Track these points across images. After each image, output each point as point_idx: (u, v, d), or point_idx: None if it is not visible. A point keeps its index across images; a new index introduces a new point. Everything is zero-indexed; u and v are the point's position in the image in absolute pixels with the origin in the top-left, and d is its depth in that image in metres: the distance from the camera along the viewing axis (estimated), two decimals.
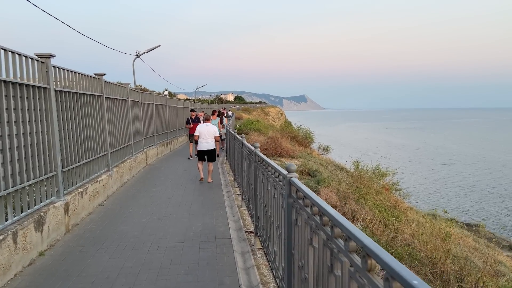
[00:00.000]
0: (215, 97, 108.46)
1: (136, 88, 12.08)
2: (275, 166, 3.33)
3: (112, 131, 8.45)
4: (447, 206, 23.43)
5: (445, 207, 20.27)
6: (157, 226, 5.70)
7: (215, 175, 10.25)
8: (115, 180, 8.21)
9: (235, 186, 8.72)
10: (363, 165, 11.92)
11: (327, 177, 10.94)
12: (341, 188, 9.08)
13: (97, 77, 7.64)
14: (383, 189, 10.78)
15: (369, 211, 7.85)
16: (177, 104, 20.40)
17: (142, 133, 12.11)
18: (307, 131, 21.70)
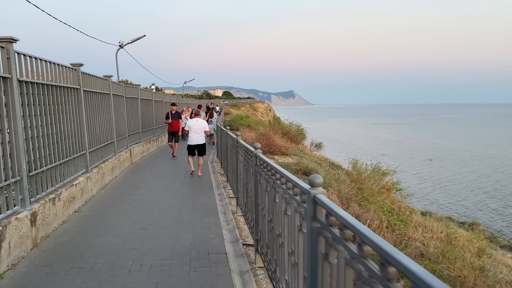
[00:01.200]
0: (203, 92, 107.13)
1: (120, 82, 11.24)
2: (290, 177, 2.63)
3: (91, 128, 7.64)
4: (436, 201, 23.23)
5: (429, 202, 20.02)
6: (141, 237, 4.96)
7: (205, 175, 9.52)
8: (95, 182, 7.42)
9: (227, 188, 8.02)
10: (361, 163, 11.33)
11: (324, 176, 10.29)
12: (342, 189, 8.46)
13: (74, 68, 6.82)
14: (383, 189, 10.24)
15: (375, 215, 7.25)
16: (164, 99, 19.52)
17: (126, 130, 11.29)
18: (299, 127, 21.06)
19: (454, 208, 22.75)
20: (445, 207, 22.90)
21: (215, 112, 21.59)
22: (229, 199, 7.09)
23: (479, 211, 22.41)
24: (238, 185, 6.01)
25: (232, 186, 7.11)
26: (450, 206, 23.31)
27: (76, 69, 6.89)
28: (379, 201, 8.50)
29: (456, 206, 23.45)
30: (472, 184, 29.79)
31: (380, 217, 7.21)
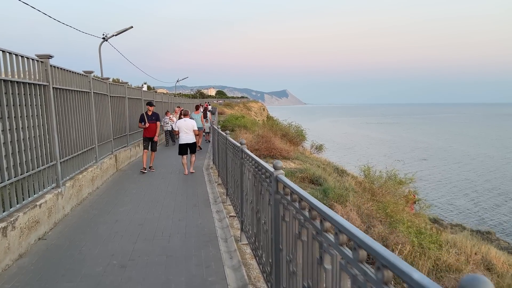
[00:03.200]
0: (196, 92, 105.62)
1: (104, 79, 9.98)
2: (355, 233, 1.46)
3: (64, 133, 6.40)
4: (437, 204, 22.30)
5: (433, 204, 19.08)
6: (118, 282, 3.75)
7: (200, 186, 8.33)
8: (68, 198, 6.18)
9: (227, 203, 6.82)
10: (374, 170, 10.21)
11: (335, 187, 9.16)
12: (360, 202, 7.32)
13: (40, 60, 5.58)
14: (403, 202, 9.13)
15: (404, 238, 6.12)
16: (155, 98, 18.25)
17: (111, 133, 10.04)
18: (298, 128, 19.89)
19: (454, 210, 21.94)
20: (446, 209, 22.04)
21: (208, 111, 20.40)
22: (230, 219, 5.90)
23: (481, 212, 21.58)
24: (243, 206, 4.82)
25: (234, 203, 5.92)
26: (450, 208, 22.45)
27: (43, 61, 5.65)
28: (404, 217, 7.35)
29: (457, 207, 22.60)
30: (466, 184, 29.10)
31: (411, 240, 6.08)
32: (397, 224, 6.76)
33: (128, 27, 15.93)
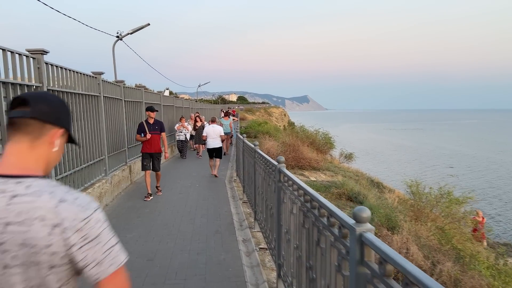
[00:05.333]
0: (218, 97, 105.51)
1: (118, 82, 9.04)
2: None
3: None
4: None
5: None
6: None
7: (224, 204, 7.19)
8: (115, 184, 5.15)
9: (255, 228, 5.66)
10: (423, 186, 8.81)
11: (378, 205, 7.86)
12: (416, 229, 6.01)
13: (32, 56, 4.60)
14: (469, 225, 7.76)
15: (479, 277, 4.82)
16: (176, 104, 17.37)
17: (125, 141, 9.07)
18: (326, 135, 18.56)
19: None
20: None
21: (233, 117, 19.57)
22: (260, 252, 4.73)
23: None
24: (280, 244, 3.63)
25: (264, 231, 4.74)
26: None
27: (36, 57, 4.66)
28: (474, 250, 5.99)
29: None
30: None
31: (492, 284, 4.76)
32: (468, 259, 5.41)
33: (145, 24, 15.05)
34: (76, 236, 1.06)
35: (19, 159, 1.11)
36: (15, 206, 1.03)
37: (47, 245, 1.03)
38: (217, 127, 10.54)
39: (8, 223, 1.03)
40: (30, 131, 1.12)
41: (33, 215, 1.03)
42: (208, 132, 10.38)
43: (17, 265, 1.04)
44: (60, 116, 1.20)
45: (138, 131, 7.69)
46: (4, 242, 1.03)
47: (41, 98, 1.16)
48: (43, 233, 1.03)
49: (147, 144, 7.64)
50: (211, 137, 10.31)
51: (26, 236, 1.03)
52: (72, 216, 1.06)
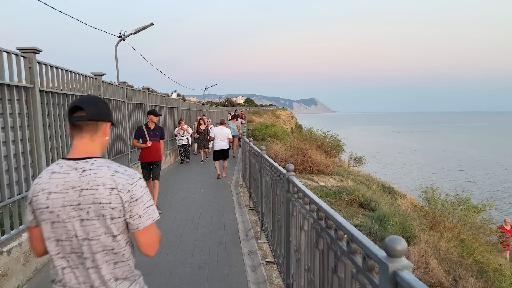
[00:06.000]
0: (225, 100, 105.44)
1: (121, 84, 8.75)
2: None
3: (58, 149, 5.09)
4: None
5: None
6: None
7: (228, 212, 6.83)
8: None
9: (261, 239, 5.29)
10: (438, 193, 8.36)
11: (391, 213, 7.45)
12: (435, 240, 5.59)
13: (22, 55, 4.30)
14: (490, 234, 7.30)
15: None
16: (182, 106, 17.09)
17: (127, 145, 8.78)
18: (335, 138, 18.11)
19: None
20: None
21: (241, 119, 19.34)
22: (267, 267, 4.36)
23: None
24: (289, 261, 3.26)
25: (271, 244, 4.36)
26: None
27: (27, 56, 4.36)
28: (497, 264, 5.55)
29: None
30: None
31: None
32: (492, 274, 4.99)
33: (148, 24, 14.75)
34: (127, 196, 1.48)
35: (84, 148, 1.53)
36: (85, 177, 1.46)
37: (108, 202, 1.45)
38: (225, 129, 10.63)
39: (82, 189, 1.45)
40: (88, 130, 1.53)
41: (97, 182, 1.46)
42: (216, 133, 10.46)
43: (90, 218, 1.45)
44: (106, 113, 1.61)
45: (136, 136, 6.87)
46: (80, 203, 1.45)
47: (91, 103, 1.54)
48: (105, 194, 1.45)
49: (146, 152, 6.82)
50: (218, 138, 10.39)
51: (94, 197, 1.44)
52: (123, 182, 1.48)
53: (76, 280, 1.49)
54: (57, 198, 1.46)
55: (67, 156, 1.53)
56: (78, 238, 1.46)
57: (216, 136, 10.44)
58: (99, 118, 1.55)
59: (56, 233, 1.48)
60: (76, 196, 1.45)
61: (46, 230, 1.49)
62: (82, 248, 1.47)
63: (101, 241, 1.47)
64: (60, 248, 1.49)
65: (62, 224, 1.47)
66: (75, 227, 1.46)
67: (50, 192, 1.47)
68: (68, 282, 1.50)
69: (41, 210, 1.48)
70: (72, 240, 1.47)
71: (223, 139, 10.38)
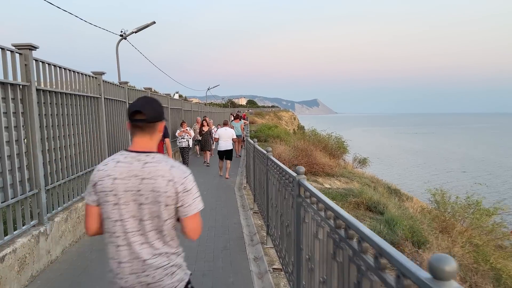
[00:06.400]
0: (228, 101, 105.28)
1: (122, 83, 8.55)
2: None
3: (56, 149, 4.89)
4: None
5: None
6: None
7: (232, 215, 6.62)
8: (58, 237, 4.63)
9: (267, 244, 5.06)
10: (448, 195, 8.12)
11: (400, 216, 7.21)
12: (448, 246, 5.36)
13: (18, 52, 4.10)
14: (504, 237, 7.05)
15: None
16: (184, 107, 16.90)
17: (129, 146, 8.56)
18: (339, 139, 17.87)
19: None
20: None
21: (244, 121, 19.19)
22: (274, 275, 4.13)
23: None
24: (307, 282, 3.04)
25: (279, 251, 4.14)
26: None
27: (22, 53, 4.16)
28: None
29: None
30: None
31: None
32: (510, 281, 4.77)
33: (150, 22, 14.53)
34: (180, 187, 1.72)
35: (145, 144, 1.76)
36: (146, 169, 1.69)
37: (165, 191, 1.69)
38: (230, 130, 10.79)
39: (143, 178, 1.68)
40: (148, 130, 1.76)
41: (157, 173, 1.69)
42: (221, 134, 10.62)
43: (147, 203, 1.69)
44: (161, 114, 1.82)
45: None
46: (141, 190, 1.68)
47: (149, 106, 1.74)
48: (163, 184, 1.69)
49: None
50: (223, 139, 10.55)
51: (154, 186, 1.68)
52: (179, 175, 1.73)
53: (129, 256, 1.71)
54: (120, 183, 1.69)
55: (129, 149, 1.77)
56: (135, 219, 1.70)
57: (221, 137, 10.59)
58: (156, 120, 1.77)
59: (116, 213, 1.70)
60: (138, 184, 1.69)
61: (108, 210, 1.71)
62: (138, 226, 1.70)
63: (154, 222, 1.71)
64: (118, 227, 1.70)
65: (123, 206, 1.69)
66: (134, 209, 1.70)
67: (115, 178, 1.70)
68: (123, 258, 1.72)
69: (106, 193, 1.70)
70: (129, 221, 1.70)
71: (227, 139, 10.54)
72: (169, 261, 1.77)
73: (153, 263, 1.72)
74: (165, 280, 1.75)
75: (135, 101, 1.75)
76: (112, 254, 1.75)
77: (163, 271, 1.74)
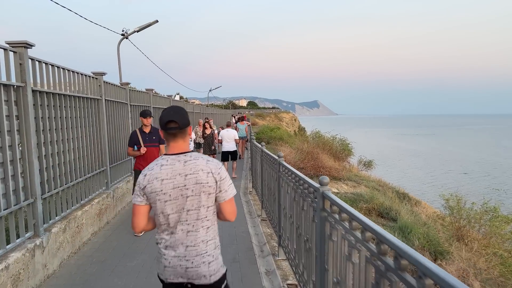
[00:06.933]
0: (228, 102, 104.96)
1: (123, 84, 8.24)
2: None
3: (53, 155, 4.57)
4: None
5: None
6: None
7: (239, 223, 6.29)
8: (55, 249, 4.30)
9: (279, 256, 4.74)
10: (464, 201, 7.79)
11: (414, 224, 6.89)
12: (477, 261, 5.05)
13: (12, 50, 3.78)
14: None
15: None
16: (186, 108, 16.55)
17: None
18: (344, 141, 17.54)
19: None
20: None
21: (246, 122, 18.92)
22: None
23: None
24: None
25: (301, 277, 3.80)
26: None
27: (17, 52, 3.85)
28: None
29: None
30: None
31: None
32: None
33: (153, 21, 14.23)
34: (218, 177, 2.06)
35: (180, 146, 2.08)
36: (188, 166, 2.02)
37: (207, 182, 2.02)
38: (232, 131, 11.17)
39: (186, 174, 2.01)
40: (180, 135, 2.08)
41: (197, 168, 2.02)
42: (223, 136, 10.96)
43: (193, 195, 2.01)
44: (188, 120, 2.12)
45: (130, 143, 5.97)
46: (186, 184, 2.00)
47: (179, 115, 2.05)
48: (204, 176, 2.02)
49: (142, 160, 5.88)
50: (226, 140, 10.87)
51: (197, 179, 2.01)
52: (214, 167, 2.06)
53: (175, 242, 2.00)
54: (168, 183, 1.98)
55: (168, 153, 2.06)
56: (184, 210, 1.99)
57: (223, 139, 10.93)
58: (186, 126, 2.07)
59: (167, 208, 1.98)
60: (183, 180, 1.99)
61: (160, 207, 1.99)
62: (186, 217, 1.99)
63: (200, 211, 2.01)
64: (168, 219, 1.99)
65: (173, 201, 1.98)
66: (182, 202, 1.99)
67: (162, 179, 1.98)
68: (170, 243, 2.01)
69: (156, 193, 1.98)
70: (180, 213, 1.99)
71: (230, 141, 10.87)
72: (207, 250, 2.04)
73: (193, 250, 2.01)
74: (202, 267, 2.01)
75: (166, 112, 2.04)
76: (162, 240, 2.05)
77: (200, 259, 2.01)
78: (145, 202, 2.02)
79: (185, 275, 2.00)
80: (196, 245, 2.00)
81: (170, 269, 2.01)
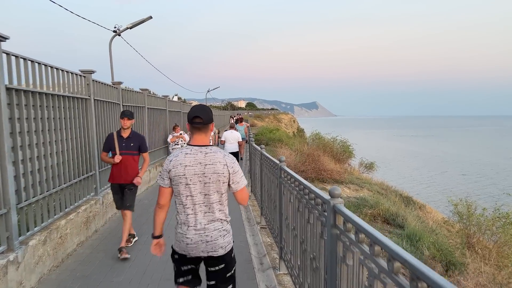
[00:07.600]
0: (227, 104, 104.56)
1: (115, 83, 7.83)
2: None
3: (32, 158, 4.16)
4: None
5: None
6: None
7: (237, 232, 5.88)
8: (33, 264, 3.89)
9: (280, 270, 4.33)
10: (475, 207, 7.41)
11: (421, 229, 6.50)
12: (497, 275, 4.68)
13: None
14: None
15: None
16: (183, 109, 16.18)
17: None
18: (344, 143, 17.16)
19: None
20: None
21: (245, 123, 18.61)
22: None
23: None
24: None
25: (296, 278, 3.42)
26: None
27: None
28: None
29: None
30: None
31: None
32: None
33: (146, 17, 13.79)
34: (231, 169, 2.48)
35: (202, 139, 2.47)
36: (208, 157, 2.42)
37: (223, 172, 2.43)
38: (236, 133, 11.13)
39: (206, 164, 2.41)
40: (204, 130, 2.46)
41: (216, 160, 2.43)
42: (227, 137, 10.94)
43: (210, 182, 2.42)
44: (212, 117, 2.49)
45: (105, 147, 5.01)
46: (205, 173, 2.40)
47: (204, 112, 2.43)
48: (221, 167, 2.43)
49: (115, 170, 4.96)
50: (229, 142, 10.88)
51: (215, 169, 2.42)
52: (230, 161, 2.48)
53: (196, 221, 2.43)
54: (190, 169, 2.40)
55: (191, 143, 2.48)
56: (201, 194, 2.43)
57: (227, 140, 10.89)
58: (209, 122, 2.46)
59: (187, 191, 2.42)
60: (202, 168, 2.42)
61: (181, 189, 2.42)
62: (204, 200, 2.43)
63: (215, 196, 2.45)
64: (188, 201, 2.42)
65: (192, 185, 2.41)
66: (200, 187, 2.42)
67: (186, 165, 2.41)
68: (191, 222, 2.43)
69: (179, 176, 2.41)
70: (198, 195, 2.42)
71: (233, 142, 10.88)
72: (222, 225, 2.48)
73: (211, 226, 2.44)
74: (219, 240, 2.45)
75: (194, 108, 2.44)
76: (183, 220, 2.44)
77: (218, 233, 2.45)
78: (169, 184, 2.45)
79: (205, 249, 2.41)
80: (213, 223, 2.44)
81: (193, 245, 2.41)
